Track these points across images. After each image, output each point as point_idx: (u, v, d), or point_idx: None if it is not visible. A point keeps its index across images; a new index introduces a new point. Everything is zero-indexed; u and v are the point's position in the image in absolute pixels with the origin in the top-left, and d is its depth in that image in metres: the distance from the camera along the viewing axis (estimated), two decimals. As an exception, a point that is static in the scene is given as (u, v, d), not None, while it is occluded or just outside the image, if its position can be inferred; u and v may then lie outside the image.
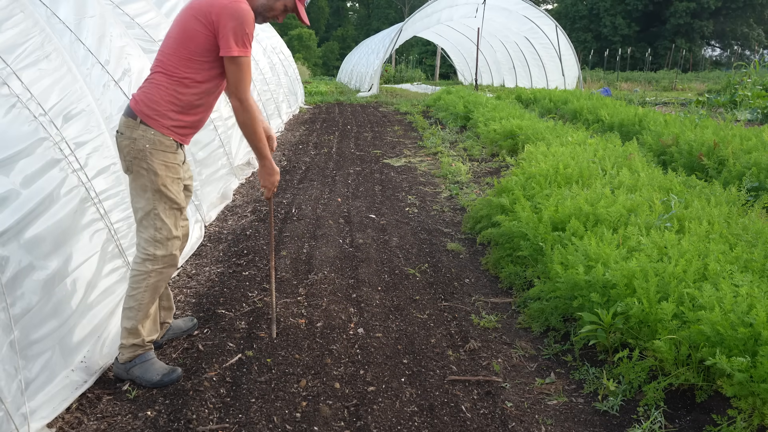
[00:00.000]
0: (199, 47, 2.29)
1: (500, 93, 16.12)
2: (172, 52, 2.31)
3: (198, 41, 2.28)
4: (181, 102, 2.33)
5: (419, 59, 39.75)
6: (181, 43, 2.29)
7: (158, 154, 2.30)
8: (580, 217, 3.52)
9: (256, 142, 2.46)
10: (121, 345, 2.44)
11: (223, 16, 2.23)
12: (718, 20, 39.55)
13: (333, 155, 7.96)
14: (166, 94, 2.31)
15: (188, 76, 2.32)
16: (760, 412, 2.00)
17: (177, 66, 2.30)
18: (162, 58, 2.34)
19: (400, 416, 2.28)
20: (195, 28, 2.27)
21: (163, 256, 2.39)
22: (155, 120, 2.29)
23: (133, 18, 4.44)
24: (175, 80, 2.31)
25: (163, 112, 2.30)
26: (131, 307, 2.40)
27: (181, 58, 2.30)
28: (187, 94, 2.33)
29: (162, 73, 2.32)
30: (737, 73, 16.23)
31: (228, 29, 2.23)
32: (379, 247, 4.19)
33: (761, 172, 4.71)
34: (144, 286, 2.38)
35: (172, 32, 2.35)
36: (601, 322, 2.60)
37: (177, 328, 2.86)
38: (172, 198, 2.37)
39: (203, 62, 2.32)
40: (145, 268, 2.38)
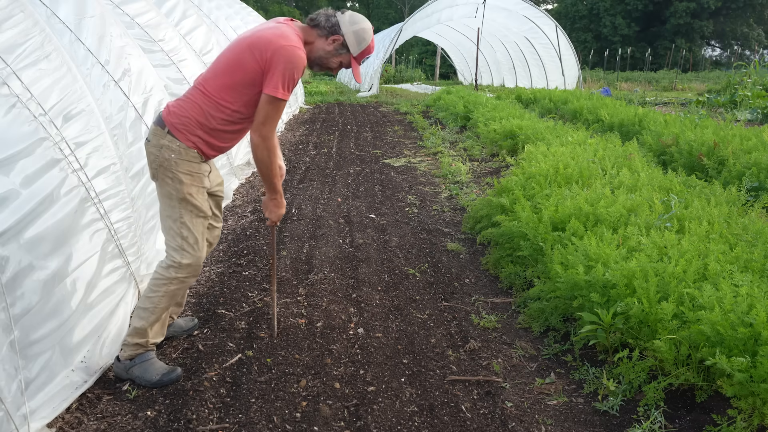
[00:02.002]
0: (245, 79, 2.30)
1: (500, 93, 16.12)
2: (217, 76, 2.34)
3: (246, 72, 2.29)
4: (210, 124, 2.35)
5: (419, 59, 39.75)
6: (229, 70, 2.32)
7: (183, 164, 2.33)
8: (580, 217, 3.52)
9: (271, 178, 2.47)
10: (124, 342, 2.46)
11: (278, 57, 2.24)
12: (718, 20, 39.55)
13: (333, 155, 7.96)
14: (199, 112, 2.33)
15: (225, 102, 2.33)
16: (760, 412, 2.00)
17: (218, 89, 2.33)
18: (206, 80, 2.37)
19: (400, 416, 2.28)
20: (247, 59, 2.28)
21: (188, 265, 2.41)
22: (182, 133, 2.32)
23: (133, 18, 4.44)
24: (211, 102, 2.33)
25: (192, 128, 2.33)
26: (146, 308, 2.42)
27: (225, 84, 2.32)
28: (218, 118, 2.35)
29: (201, 92, 2.35)
30: (737, 73, 16.23)
31: (278, 70, 2.25)
32: (379, 247, 4.19)
33: (761, 172, 4.71)
34: (163, 292, 2.41)
35: (224, 57, 2.37)
36: (601, 322, 2.60)
37: (178, 327, 2.88)
38: (198, 206, 2.39)
39: (244, 94, 2.33)
40: (169, 275, 2.40)
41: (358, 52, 2.49)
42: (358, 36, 2.46)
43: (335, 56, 2.48)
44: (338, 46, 2.45)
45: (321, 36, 2.44)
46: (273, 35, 2.28)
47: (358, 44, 2.47)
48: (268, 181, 2.48)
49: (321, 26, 2.44)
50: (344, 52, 2.47)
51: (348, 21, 2.44)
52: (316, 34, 2.45)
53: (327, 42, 2.45)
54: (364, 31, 2.46)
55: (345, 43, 2.45)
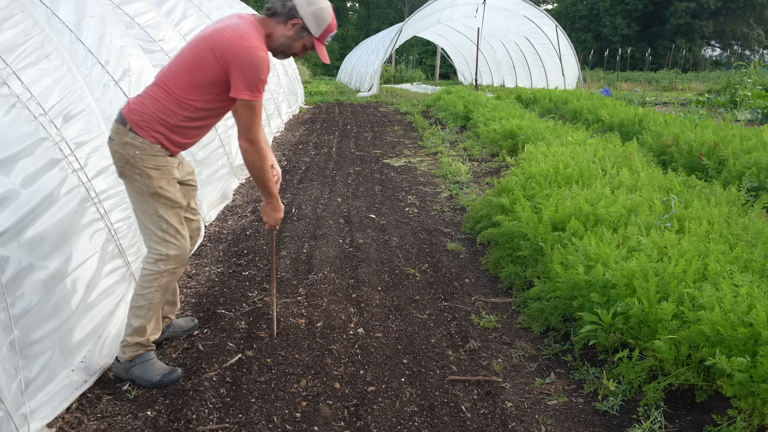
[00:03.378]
0: (206, 78, 2.29)
1: (500, 93, 16.12)
2: (179, 74, 2.32)
3: (207, 72, 2.28)
4: (172, 121, 2.32)
5: (419, 59, 39.75)
6: (189, 69, 2.30)
7: (149, 159, 2.30)
8: (580, 217, 3.52)
9: (264, 182, 2.46)
10: (124, 343, 2.45)
11: (239, 60, 2.23)
12: (718, 20, 39.55)
13: (333, 155, 7.96)
14: (160, 109, 2.30)
15: (187, 101, 2.32)
16: (760, 412, 2.00)
17: (179, 87, 2.31)
18: (166, 76, 2.35)
19: (400, 416, 2.28)
20: (208, 59, 2.26)
21: (176, 255, 2.40)
22: (144, 129, 2.28)
23: (133, 18, 4.45)
24: (172, 99, 2.31)
25: (153, 125, 2.30)
26: (141, 306, 2.40)
27: (186, 83, 2.30)
28: (179, 115, 2.33)
29: (162, 89, 2.32)
30: (737, 73, 16.24)
31: (242, 73, 2.24)
32: (379, 247, 4.19)
33: (761, 172, 4.71)
34: (156, 286, 2.40)
35: (184, 55, 2.35)
36: (601, 322, 2.60)
37: (177, 327, 2.87)
38: (171, 197, 2.37)
39: (206, 92, 2.32)
40: (158, 268, 2.39)
41: (319, 32, 2.45)
42: (317, 16, 2.41)
43: (297, 40, 2.44)
44: (298, 29, 2.41)
45: (280, 23, 2.40)
46: (233, 36, 2.25)
47: (318, 24, 2.43)
48: (262, 184, 2.47)
49: (278, 13, 2.39)
50: (305, 35, 2.44)
51: (305, 3, 2.39)
52: (274, 23, 2.41)
53: (286, 28, 2.40)
54: (322, 11, 2.42)
55: (305, 25, 2.41)
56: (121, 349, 2.46)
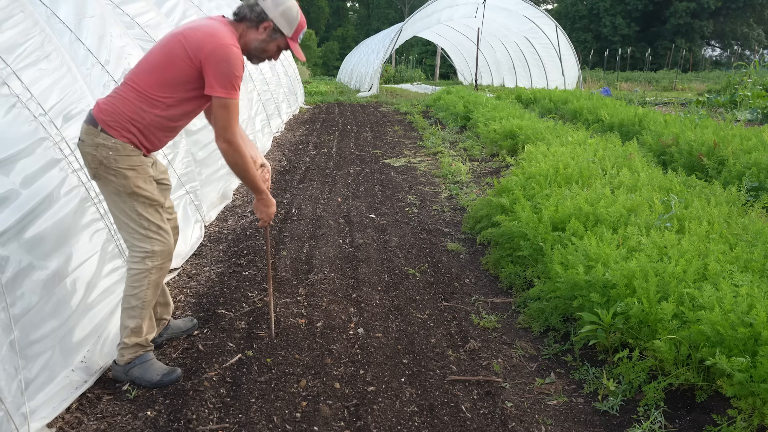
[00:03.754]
0: (178, 76, 2.27)
1: (500, 93, 16.12)
2: (149, 71, 2.29)
3: (179, 69, 2.26)
4: (144, 120, 2.30)
5: (419, 59, 39.75)
6: (161, 67, 2.27)
7: (124, 159, 2.26)
8: (580, 217, 3.52)
9: (249, 180, 2.46)
10: (122, 345, 2.43)
11: (213, 58, 2.22)
12: (718, 20, 39.56)
13: (333, 155, 7.96)
14: (131, 109, 2.27)
15: (158, 98, 2.29)
16: (760, 412, 2.00)
17: (151, 86, 2.28)
18: (137, 75, 2.31)
19: (400, 416, 2.28)
20: (180, 56, 2.25)
21: (161, 251, 2.39)
22: (115, 130, 2.25)
23: (133, 18, 4.45)
24: (143, 98, 2.28)
25: (124, 124, 2.27)
26: (134, 306, 2.39)
27: (157, 81, 2.28)
28: (151, 114, 2.30)
29: (132, 88, 2.29)
30: (737, 73, 16.24)
31: (217, 71, 2.23)
32: (379, 247, 4.19)
33: (761, 172, 4.71)
34: (146, 284, 2.38)
35: (155, 53, 2.32)
36: (601, 322, 2.60)
37: (176, 328, 2.86)
38: (149, 196, 2.34)
39: (179, 90, 2.31)
40: (145, 266, 2.37)
41: (291, 31, 2.47)
42: (287, 15, 2.43)
43: (270, 42, 2.46)
44: (270, 32, 2.43)
45: (251, 27, 2.42)
46: (205, 35, 2.25)
47: (289, 24, 2.45)
48: (248, 182, 2.46)
49: (248, 18, 2.41)
50: (278, 36, 2.45)
51: (272, 4, 2.41)
52: (245, 27, 2.42)
53: (258, 32, 2.42)
54: (290, 9, 2.44)
55: (276, 27, 2.43)
56: (119, 352, 2.44)
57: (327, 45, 51.50)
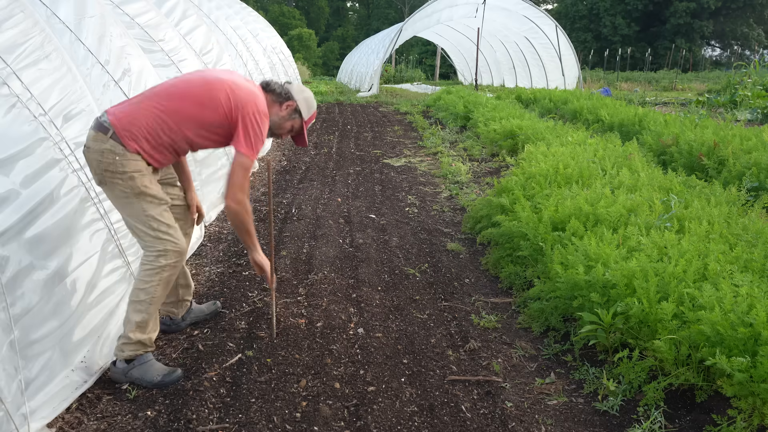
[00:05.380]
0: (212, 118, 2.41)
1: (500, 93, 16.11)
2: (184, 102, 2.38)
3: (216, 113, 2.40)
4: (159, 139, 2.37)
5: (419, 59, 39.74)
6: (200, 103, 2.40)
7: (130, 163, 2.31)
8: (580, 217, 3.52)
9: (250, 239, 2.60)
10: (125, 340, 2.42)
11: (251, 119, 2.40)
12: (718, 20, 39.55)
13: (333, 155, 7.96)
14: (151, 124, 2.34)
15: (181, 127, 2.39)
16: (760, 412, 2.00)
17: (181, 116, 2.38)
18: (168, 99, 2.38)
19: (400, 416, 2.28)
20: (222, 104, 2.39)
21: (174, 250, 2.42)
22: (129, 139, 2.30)
23: (133, 18, 4.44)
24: (167, 124, 2.36)
25: (139, 136, 2.32)
26: (142, 300, 2.40)
27: (191, 115, 2.39)
28: (168, 138, 2.38)
29: (160, 110, 2.36)
30: (737, 73, 16.23)
31: (247, 131, 2.41)
32: (379, 247, 4.19)
33: (761, 172, 4.71)
34: (157, 280, 2.40)
35: (196, 88, 2.42)
36: (601, 322, 2.60)
37: (200, 312, 2.96)
38: (155, 195, 2.39)
39: (203, 127, 2.43)
40: (159, 263, 2.40)
41: (308, 116, 2.72)
42: (308, 102, 2.71)
43: (288, 120, 2.67)
44: (291, 111, 2.65)
45: (275, 102, 2.63)
46: (250, 96, 2.44)
47: (308, 109, 2.71)
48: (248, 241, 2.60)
49: (276, 92, 2.63)
50: (296, 117, 2.67)
51: (297, 89, 2.68)
52: (271, 100, 2.62)
53: (281, 108, 2.63)
54: (311, 98, 2.73)
55: (298, 108, 2.66)
56: (120, 347, 2.43)
57: (327, 45, 51.51)
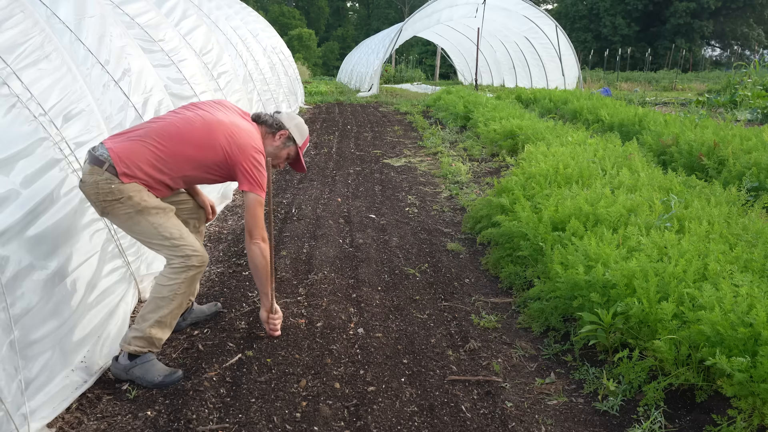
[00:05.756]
0: (213, 159, 2.47)
1: (500, 93, 16.11)
2: (184, 143, 2.43)
3: (215, 156, 2.46)
4: (157, 178, 2.41)
5: (419, 59, 39.75)
6: (200, 146, 2.45)
7: (126, 187, 2.33)
8: (580, 217, 3.52)
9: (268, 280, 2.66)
10: (137, 333, 2.40)
11: (249, 162, 2.48)
12: (718, 20, 39.55)
13: (333, 155, 7.96)
14: (150, 166, 2.37)
15: (180, 168, 2.44)
16: (760, 412, 2.00)
17: (180, 156, 2.43)
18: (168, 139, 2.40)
19: (400, 416, 2.28)
20: (221, 147, 2.46)
21: (194, 254, 2.44)
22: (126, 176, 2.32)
23: (133, 18, 4.45)
24: (166, 162, 2.40)
25: (137, 176, 2.35)
26: (164, 296, 2.41)
27: (190, 156, 2.45)
28: (167, 176, 2.43)
29: (160, 146, 2.39)
30: (737, 73, 16.23)
31: (256, 173, 2.50)
32: (379, 247, 4.19)
33: (761, 172, 4.71)
34: (183, 278, 2.42)
35: (196, 128, 2.45)
36: (601, 322, 2.60)
37: (200, 312, 2.97)
38: (156, 205, 2.41)
39: (202, 169, 2.50)
40: (183, 264, 2.42)
41: (302, 141, 2.78)
42: (300, 128, 2.77)
43: (283, 149, 2.74)
44: (285, 139, 2.73)
45: (269, 133, 2.70)
46: (248, 139, 2.51)
47: (301, 135, 2.78)
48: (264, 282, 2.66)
49: (268, 124, 2.70)
50: (291, 144, 2.75)
51: (287, 117, 2.75)
52: (264, 132, 2.69)
53: (274, 139, 2.71)
54: (302, 124, 2.80)
55: (291, 135, 2.73)
56: (128, 339, 2.41)
57: (327, 45, 51.51)
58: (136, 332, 2.42)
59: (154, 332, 2.42)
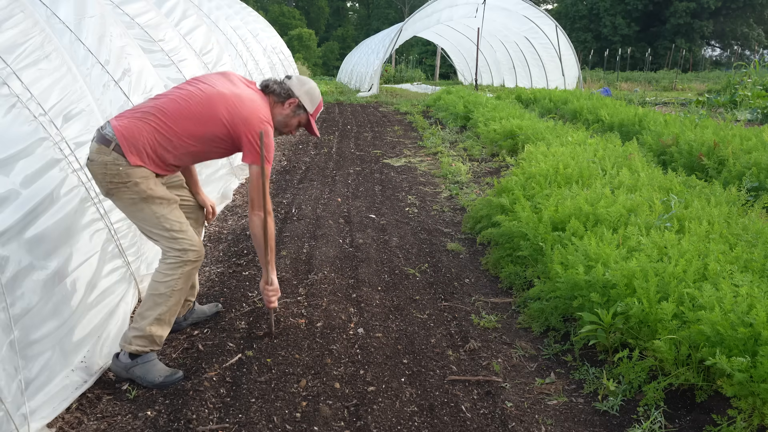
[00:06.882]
0: (215, 133, 2.43)
1: (500, 93, 16.11)
2: (186, 118, 2.39)
3: (216, 127, 2.42)
4: (162, 156, 2.39)
5: (419, 59, 39.74)
6: (201, 121, 2.41)
7: (133, 171, 2.32)
8: (580, 217, 3.52)
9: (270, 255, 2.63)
10: (137, 333, 2.40)
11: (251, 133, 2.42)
12: (718, 20, 39.54)
13: (333, 155, 7.96)
14: (153, 143, 2.35)
15: (185, 144, 2.41)
16: (760, 412, 2.00)
17: (183, 131, 2.39)
18: (168, 116, 2.38)
19: (400, 416, 2.28)
20: (221, 119, 2.41)
21: (191, 248, 2.43)
22: (132, 155, 2.31)
23: (133, 18, 4.45)
24: (170, 138, 2.38)
25: (142, 153, 2.33)
26: (162, 293, 2.40)
27: (191, 131, 2.40)
28: (172, 154, 2.41)
29: (161, 125, 2.36)
30: (737, 73, 16.23)
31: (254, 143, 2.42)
32: (379, 247, 4.19)
33: (761, 172, 4.71)
34: (179, 273, 2.41)
35: (196, 102, 2.42)
36: (601, 322, 2.60)
37: (201, 312, 2.97)
38: (162, 195, 2.40)
39: (206, 143, 2.46)
40: (179, 259, 2.41)
41: (313, 108, 2.71)
42: (311, 94, 2.69)
43: (293, 117, 2.68)
44: (295, 107, 2.66)
45: (277, 102, 2.64)
46: (250, 112, 2.44)
47: (312, 101, 2.70)
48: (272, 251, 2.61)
49: (276, 93, 2.63)
50: (301, 112, 2.68)
51: (297, 83, 2.66)
52: (272, 101, 2.64)
53: (284, 107, 2.65)
54: (313, 89, 2.71)
55: (301, 103, 2.66)
56: (129, 339, 2.40)
57: (327, 45, 51.50)
58: (136, 331, 2.41)
59: (154, 330, 2.41)
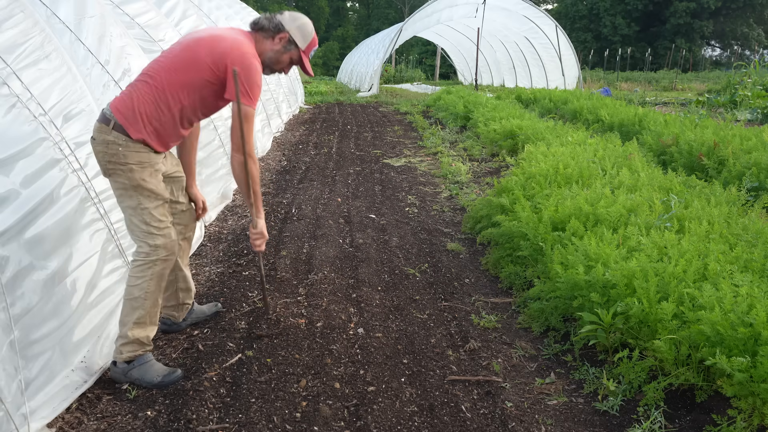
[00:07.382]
0: (200, 78, 2.36)
1: (500, 93, 16.11)
2: (169, 70, 2.35)
3: (201, 71, 2.35)
4: (160, 119, 2.36)
5: (419, 59, 39.74)
6: (184, 68, 2.36)
7: (132, 155, 2.31)
8: (580, 217, 3.52)
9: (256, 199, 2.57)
10: (122, 340, 2.40)
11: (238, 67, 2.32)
12: (718, 20, 39.54)
13: (333, 155, 7.96)
14: (149, 107, 2.33)
15: (177, 97, 2.37)
16: (760, 412, 2.00)
17: (171, 83, 2.34)
18: (156, 73, 2.36)
19: (400, 416, 2.28)
20: (205, 61, 2.35)
21: (163, 245, 2.40)
22: (132, 127, 2.29)
23: (133, 18, 4.44)
24: (161, 96, 2.34)
25: (141, 123, 2.31)
26: (136, 297, 2.39)
27: (178, 81, 2.35)
28: (168, 114, 2.37)
29: (150, 86, 2.34)
30: (737, 73, 16.23)
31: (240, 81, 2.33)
32: (379, 247, 4.19)
33: (761, 172, 4.71)
34: (150, 274, 2.40)
35: (177, 53, 2.39)
36: (601, 322, 2.60)
37: (200, 313, 2.96)
38: (153, 190, 2.38)
39: (197, 92, 2.39)
40: (149, 258, 2.39)
41: (305, 45, 2.60)
42: (302, 30, 2.58)
43: (284, 53, 2.58)
44: (285, 42, 2.56)
45: (267, 38, 2.55)
46: (231, 45, 2.36)
47: (304, 37, 2.59)
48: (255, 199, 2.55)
49: (265, 28, 2.54)
50: (292, 48, 2.58)
51: (289, 18, 2.57)
52: (261, 37, 2.55)
53: (274, 42, 2.55)
54: (306, 25, 2.60)
55: (291, 38, 2.56)
56: (118, 349, 2.41)
57: (327, 45, 51.46)
58: (122, 339, 2.41)
59: (137, 333, 2.41)
